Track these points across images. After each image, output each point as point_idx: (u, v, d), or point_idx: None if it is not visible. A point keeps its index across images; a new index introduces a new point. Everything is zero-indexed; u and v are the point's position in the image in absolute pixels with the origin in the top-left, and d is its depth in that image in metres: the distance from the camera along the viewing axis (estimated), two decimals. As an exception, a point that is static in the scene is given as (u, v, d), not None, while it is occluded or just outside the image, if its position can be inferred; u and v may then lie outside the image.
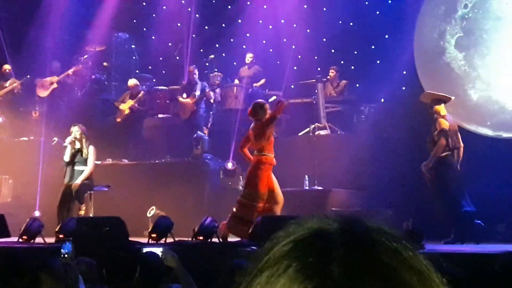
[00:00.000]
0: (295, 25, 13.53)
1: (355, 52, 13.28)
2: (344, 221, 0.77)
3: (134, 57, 15.24)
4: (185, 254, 6.27)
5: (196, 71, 12.99)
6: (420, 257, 0.75)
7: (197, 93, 12.66)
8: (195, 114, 12.69)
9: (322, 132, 11.84)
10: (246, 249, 7.18)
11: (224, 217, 9.04)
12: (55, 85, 13.42)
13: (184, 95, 12.86)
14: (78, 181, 10.08)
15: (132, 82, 13.29)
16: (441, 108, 9.41)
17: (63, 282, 4.06)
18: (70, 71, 13.66)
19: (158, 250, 4.77)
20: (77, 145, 10.25)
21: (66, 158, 10.24)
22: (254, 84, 13.25)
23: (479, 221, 9.01)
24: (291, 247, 0.74)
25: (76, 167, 10.24)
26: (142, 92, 13.19)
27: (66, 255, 5.16)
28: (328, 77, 12.74)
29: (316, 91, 12.44)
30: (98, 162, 11.39)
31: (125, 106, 13.02)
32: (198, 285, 4.85)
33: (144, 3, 15.17)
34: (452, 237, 8.84)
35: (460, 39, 11.38)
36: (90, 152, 10.28)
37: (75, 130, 10.28)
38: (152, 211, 10.68)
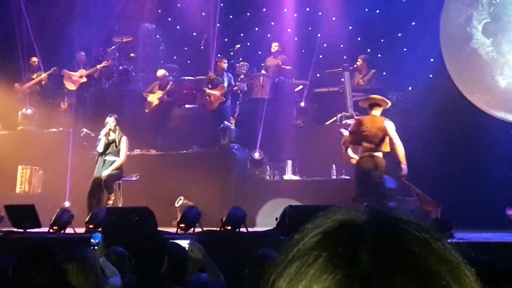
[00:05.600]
0: (320, 13, 13.48)
1: (382, 40, 13.20)
2: (372, 212, 0.78)
3: (161, 47, 15.29)
4: (213, 244, 6.30)
5: (225, 61, 12.99)
6: (449, 247, 0.76)
7: (225, 84, 12.67)
8: (223, 105, 12.70)
9: (349, 121, 11.77)
10: (274, 239, 7.20)
11: (251, 206, 9.02)
12: (84, 79, 13.54)
13: (209, 86, 12.87)
14: (108, 171, 10.16)
15: (161, 72, 13.33)
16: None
17: (94, 272, 4.10)
18: (99, 67, 13.77)
19: (185, 243, 4.80)
20: (111, 136, 10.32)
21: (100, 148, 10.31)
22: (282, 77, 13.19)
23: None
24: (320, 238, 0.75)
25: (107, 158, 10.32)
26: (170, 82, 13.25)
27: (96, 247, 5.18)
28: (355, 65, 12.67)
29: (342, 79, 12.39)
30: (128, 153, 11.48)
31: (154, 97, 13.08)
32: (225, 275, 4.88)
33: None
34: None
35: (487, 24, 11.24)
36: (123, 143, 10.34)
37: (111, 121, 10.32)
38: (180, 201, 10.75)
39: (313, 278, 0.72)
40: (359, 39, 13.39)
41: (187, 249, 4.60)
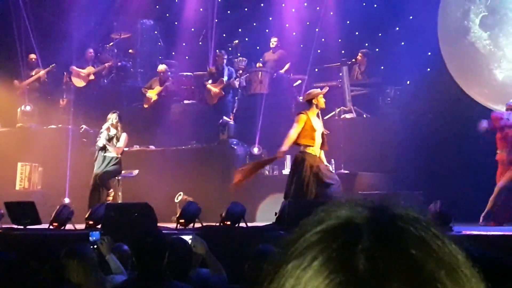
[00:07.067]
0: (318, 8, 13.48)
1: (380, 34, 13.19)
2: (372, 208, 0.76)
3: (159, 43, 15.30)
4: (213, 239, 6.33)
5: (225, 57, 13.02)
6: (449, 245, 0.74)
7: (225, 78, 12.69)
8: (223, 99, 12.72)
9: (348, 116, 11.81)
10: (273, 234, 7.23)
11: (251, 201, 9.05)
12: (92, 77, 13.56)
13: (210, 81, 12.90)
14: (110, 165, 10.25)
15: (162, 67, 13.36)
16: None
17: (94, 269, 4.13)
18: (106, 65, 13.81)
19: (188, 238, 4.83)
20: (112, 132, 10.37)
21: (100, 143, 10.36)
22: (280, 71, 13.22)
23: None
24: (318, 238, 0.73)
25: (107, 154, 10.38)
26: (170, 78, 13.28)
27: (95, 245, 5.21)
28: (355, 60, 12.66)
29: (341, 74, 12.40)
30: (126, 149, 11.52)
31: (153, 93, 13.10)
32: (224, 270, 4.90)
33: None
34: None
35: (484, 18, 11.26)
36: (122, 137, 10.43)
37: (113, 117, 10.40)
38: (179, 197, 10.78)
39: (309, 281, 0.70)
40: (357, 33, 13.39)
41: (189, 244, 4.63)
